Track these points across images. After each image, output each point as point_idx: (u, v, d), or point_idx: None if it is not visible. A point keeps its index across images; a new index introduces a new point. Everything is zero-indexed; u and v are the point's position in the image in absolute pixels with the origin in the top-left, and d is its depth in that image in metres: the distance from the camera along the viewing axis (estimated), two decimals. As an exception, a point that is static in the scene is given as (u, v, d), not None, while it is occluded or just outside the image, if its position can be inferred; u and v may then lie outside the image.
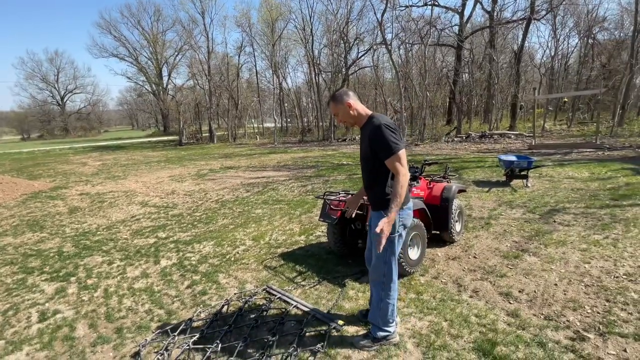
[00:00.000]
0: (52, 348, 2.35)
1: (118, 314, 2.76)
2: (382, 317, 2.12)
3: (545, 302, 2.55)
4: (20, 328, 2.62)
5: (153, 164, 13.35)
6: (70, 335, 2.48)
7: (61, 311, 2.84)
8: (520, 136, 15.26)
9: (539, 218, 4.53)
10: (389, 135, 1.88)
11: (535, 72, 27.63)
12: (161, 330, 2.45)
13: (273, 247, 4.04)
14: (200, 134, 25.81)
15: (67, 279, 3.46)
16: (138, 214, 5.96)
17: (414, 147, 14.59)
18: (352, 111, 2.04)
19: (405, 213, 2.10)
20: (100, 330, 2.53)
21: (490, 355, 1.99)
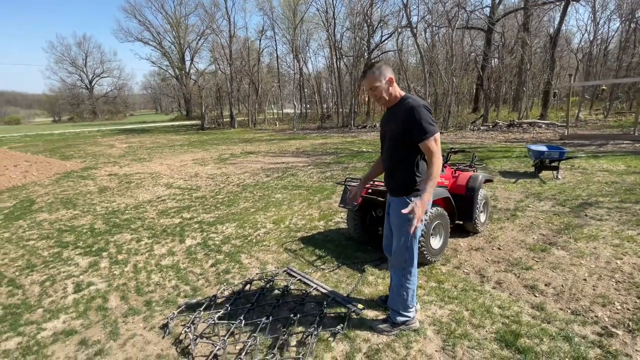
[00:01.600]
0: (87, 317, 2.51)
1: (147, 288, 2.90)
2: (402, 302, 2.10)
3: (573, 296, 2.47)
4: (57, 298, 2.81)
5: (177, 147, 13.70)
6: (104, 306, 2.64)
7: (95, 283, 3.01)
8: (551, 125, 14.52)
9: (569, 211, 4.34)
10: (427, 117, 1.82)
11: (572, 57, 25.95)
12: (187, 305, 2.56)
13: (293, 230, 4.10)
14: (221, 119, 26.15)
15: (99, 253, 3.66)
16: (163, 195, 6.17)
17: (437, 135, 14.19)
18: (391, 88, 1.91)
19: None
20: (131, 303, 2.68)
21: (513, 347, 1.96)
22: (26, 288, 3.00)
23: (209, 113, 25.44)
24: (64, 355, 2.10)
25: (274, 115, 32.34)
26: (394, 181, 2.05)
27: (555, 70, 17.93)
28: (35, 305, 2.70)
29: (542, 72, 17.91)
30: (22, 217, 5.13)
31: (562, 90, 20.40)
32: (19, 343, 2.24)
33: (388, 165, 2.09)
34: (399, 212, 1.93)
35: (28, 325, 2.44)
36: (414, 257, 2.07)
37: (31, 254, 3.75)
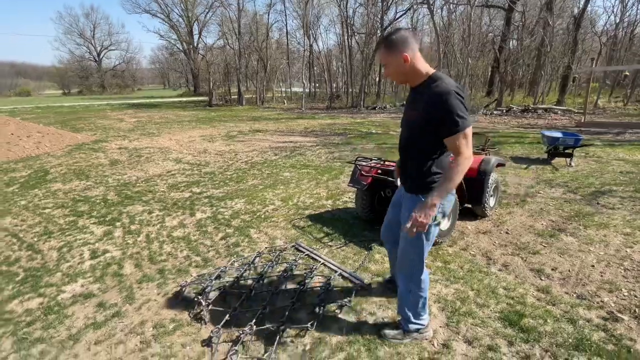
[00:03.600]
0: (103, 282, 2.62)
1: (159, 257, 2.99)
2: (412, 309, 1.87)
3: (579, 281, 2.48)
4: (75, 263, 2.92)
5: (185, 123, 13.70)
6: (119, 272, 2.74)
7: (109, 251, 3.12)
8: (568, 112, 14.11)
9: (580, 199, 4.29)
10: (458, 107, 1.44)
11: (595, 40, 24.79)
12: (199, 274, 2.65)
13: (301, 208, 4.14)
14: (229, 96, 25.93)
15: (112, 223, 3.76)
16: (173, 170, 6.24)
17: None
18: (407, 65, 1.53)
19: (449, 199, 1.70)
20: (144, 270, 2.77)
21: (516, 326, 2.00)
22: (45, 253, 3.12)
23: (216, 90, 25.19)
24: (84, 316, 2.21)
25: (282, 93, 31.92)
26: (408, 176, 1.76)
27: (576, 53, 17.18)
28: (54, 269, 2.82)
29: (563, 55, 17.19)
30: (37, 187, 5.26)
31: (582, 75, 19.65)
32: (40, 303, 2.36)
33: (403, 157, 1.78)
34: (409, 211, 1.66)
35: (48, 287, 2.55)
36: (423, 262, 1.79)
37: (48, 221, 3.87)
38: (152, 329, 2.06)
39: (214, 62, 24.62)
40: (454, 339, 1.93)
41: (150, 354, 1.86)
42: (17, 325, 2.12)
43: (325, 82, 26.98)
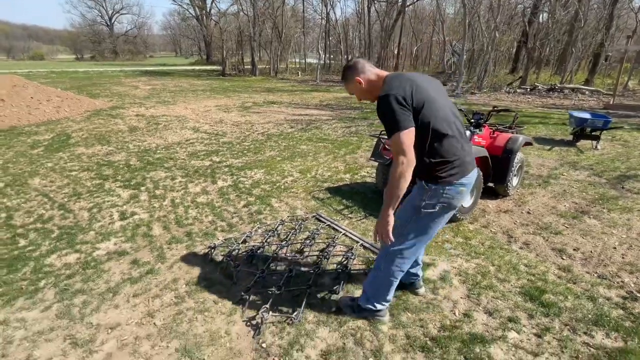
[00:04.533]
0: (134, 241, 2.74)
1: (186, 221, 3.10)
2: (374, 289, 1.79)
3: (600, 262, 2.49)
4: (106, 223, 3.05)
5: (199, 92, 13.62)
6: (149, 233, 2.86)
7: (137, 213, 3.24)
8: (596, 93, 13.47)
9: (605, 182, 4.20)
10: (390, 108, 1.41)
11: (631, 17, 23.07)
12: (226, 238, 2.75)
13: (319, 181, 4.17)
14: (242, 66, 25.47)
15: (138, 187, 3.87)
16: (191, 138, 6.30)
17: (470, 95, 13.48)
18: (363, 86, 1.60)
19: (455, 190, 1.57)
20: (173, 232, 2.89)
21: (537, 301, 2.04)
22: (76, 213, 3.26)
23: (229, 58, 24.73)
24: (119, 271, 2.34)
25: (296, 64, 31.16)
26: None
27: (610, 30, 16.10)
28: (87, 228, 2.96)
29: (596, 31, 16.14)
30: (61, 150, 5.40)
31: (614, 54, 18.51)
32: (78, 258, 2.50)
33: None
34: (410, 196, 1.70)
35: (83, 244, 2.69)
36: (409, 251, 1.70)
37: (75, 183, 4.01)
38: (185, 286, 2.18)
39: (227, 29, 23.97)
40: (475, 309, 1.99)
41: (185, 308, 1.98)
42: (58, 278, 2.26)
43: (341, 54, 26.16)
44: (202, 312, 1.95)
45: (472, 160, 1.65)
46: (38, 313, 1.94)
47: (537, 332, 1.82)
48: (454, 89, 14.86)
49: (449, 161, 1.54)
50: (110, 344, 1.74)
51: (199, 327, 1.84)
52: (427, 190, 1.58)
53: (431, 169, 1.56)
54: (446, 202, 1.59)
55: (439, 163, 1.54)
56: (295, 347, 1.71)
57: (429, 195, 1.58)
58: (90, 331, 1.81)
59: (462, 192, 1.60)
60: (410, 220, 1.65)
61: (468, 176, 1.60)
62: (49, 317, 1.91)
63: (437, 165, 1.55)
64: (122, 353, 1.68)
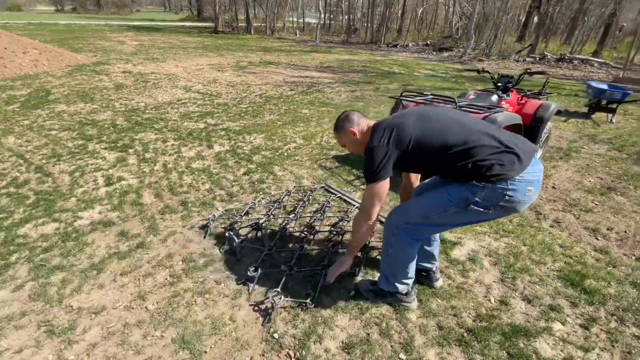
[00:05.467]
0: (122, 210, 2.43)
1: (180, 188, 2.78)
2: (391, 268, 1.58)
3: (637, 243, 2.28)
4: (89, 189, 2.71)
5: (190, 50, 12.69)
6: (138, 201, 2.55)
7: (125, 179, 2.89)
8: (604, 65, 12.94)
9: (627, 157, 3.95)
10: (370, 161, 1.37)
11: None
12: (226, 209, 2.45)
13: (325, 148, 3.83)
14: (236, 23, 23.82)
15: (125, 150, 3.49)
16: (183, 98, 5.79)
17: (477, 62, 12.82)
18: (357, 138, 1.53)
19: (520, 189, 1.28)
20: (166, 201, 2.57)
21: (579, 287, 1.83)
22: (55, 176, 2.90)
23: (222, 15, 23.06)
24: (105, 244, 2.05)
25: (294, 24, 29.35)
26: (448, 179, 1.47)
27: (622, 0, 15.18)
28: (68, 194, 2.62)
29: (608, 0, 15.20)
30: (39, 107, 4.89)
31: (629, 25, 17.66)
32: (57, 229, 2.19)
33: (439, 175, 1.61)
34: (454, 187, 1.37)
35: (63, 212, 2.37)
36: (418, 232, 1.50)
37: (55, 143, 3.60)
38: (182, 263, 1.91)
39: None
40: (512, 295, 1.77)
41: (182, 289, 1.72)
42: (33, 251, 1.97)
43: (342, 13, 24.59)
44: (202, 295, 1.69)
45: (526, 151, 1.32)
46: (8, 294, 1.66)
47: (583, 323, 1.61)
48: (461, 55, 14.13)
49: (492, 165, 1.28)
50: (93, 331, 1.48)
51: (199, 313, 1.59)
52: (480, 187, 1.29)
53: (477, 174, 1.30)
54: (509, 204, 1.31)
55: (476, 162, 1.29)
56: (312, 338, 1.47)
57: (484, 195, 1.30)
58: (70, 316, 1.54)
59: (531, 194, 1.31)
60: (446, 210, 1.38)
61: (529, 171, 1.28)
62: (20, 298, 1.64)
63: (475, 163, 1.29)
64: (108, 343, 1.43)
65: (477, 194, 1.30)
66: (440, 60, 13.46)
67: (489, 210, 1.32)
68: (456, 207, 1.34)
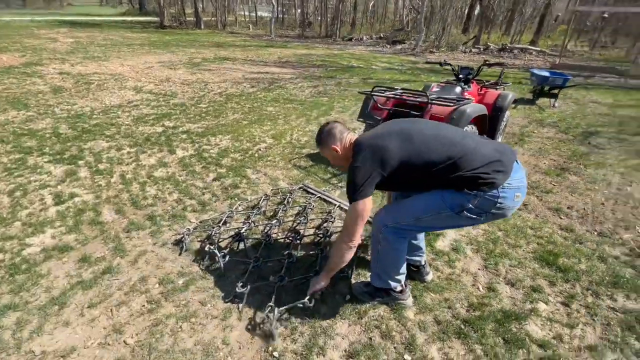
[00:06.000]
0: (80, 231, 2.16)
1: (144, 201, 2.54)
2: (382, 265, 1.57)
3: (596, 219, 2.50)
4: (36, 210, 2.37)
5: (135, 46, 11.75)
6: (98, 220, 2.28)
7: (78, 195, 2.58)
8: (541, 53, 14.15)
9: (573, 139, 4.34)
10: (353, 179, 1.36)
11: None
12: (201, 220, 2.28)
13: (297, 147, 3.73)
14: (183, 17, 22.51)
15: (74, 162, 3.12)
16: (134, 100, 5.33)
17: (429, 54, 13.35)
18: (340, 154, 1.53)
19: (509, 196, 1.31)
20: (129, 217, 2.33)
21: (554, 266, 1.96)
22: (-9, 198, 2.51)
23: (167, 8, 21.66)
24: (64, 274, 1.80)
25: (246, 17, 28.43)
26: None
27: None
28: (9, 218, 2.27)
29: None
30: (-41, 116, 4.22)
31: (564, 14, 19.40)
32: (1, 260, 1.88)
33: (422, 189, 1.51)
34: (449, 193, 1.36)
35: (7, 240, 2.05)
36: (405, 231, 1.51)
37: (-15, 159, 3.12)
38: (158, 286, 1.73)
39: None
40: (496, 281, 1.84)
41: (164, 316, 1.56)
42: (-25, 288, 1.67)
43: (294, 7, 24.27)
44: (188, 319, 1.54)
45: (508, 158, 1.34)
46: (-54, 347, 1.39)
47: (564, 300, 1.72)
48: (414, 47, 14.64)
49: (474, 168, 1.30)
50: (64, 379, 1.28)
51: (186, 340, 1.45)
52: (473, 195, 1.31)
53: (470, 183, 1.31)
54: (499, 211, 1.34)
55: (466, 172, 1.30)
56: (314, 351, 1.41)
57: (477, 203, 1.31)
58: (33, 364, 1.33)
59: (519, 199, 1.36)
60: (440, 213, 1.37)
61: (516, 177, 1.32)
62: (-36, 351, 1.38)
63: (466, 174, 1.30)
64: (84, 390, 1.25)
65: (471, 202, 1.31)
66: (394, 53, 13.82)
67: (480, 217, 1.35)
68: (450, 212, 1.34)
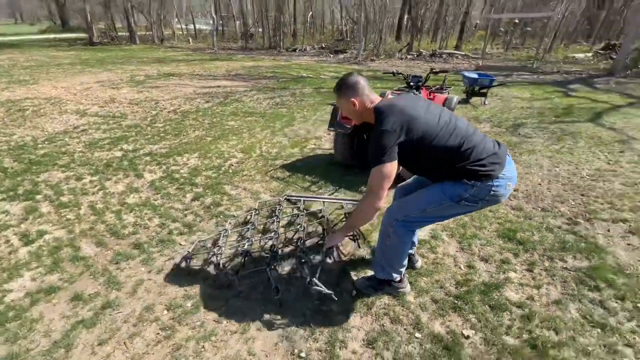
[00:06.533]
0: (62, 270, 2.02)
1: (125, 230, 2.44)
2: (388, 258, 1.71)
3: (537, 197, 2.97)
4: (4, 253, 2.16)
5: (66, 66, 10.78)
6: (79, 255, 2.15)
7: (48, 232, 2.39)
8: (466, 57, 15.82)
9: (505, 131, 5.01)
10: (378, 142, 1.41)
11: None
12: (199, 240, 2.26)
13: (269, 159, 3.81)
14: (115, 32, 21.08)
15: (31, 197, 2.85)
16: (80, 125, 4.96)
17: (370, 62, 14.19)
18: (357, 109, 1.57)
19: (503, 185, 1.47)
20: (113, 248, 2.23)
21: (514, 240, 2.32)
22: (-64, 248, 2.22)
23: (96, 24, 20.14)
24: (59, 315, 1.69)
25: (184, 31, 27.46)
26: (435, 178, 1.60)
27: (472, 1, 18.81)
28: (-31, 266, 2.04)
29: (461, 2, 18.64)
30: None
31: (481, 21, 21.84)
32: (-27, 313, 1.71)
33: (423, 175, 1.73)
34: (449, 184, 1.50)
35: (-27, 290, 1.85)
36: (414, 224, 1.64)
37: None
38: (167, 312, 1.72)
39: (88, -15, 19.19)
40: (473, 259, 2.14)
41: (183, 339, 1.56)
42: (-51, 348, 1.51)
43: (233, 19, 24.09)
44: (208, 339, 1.57)
45: (503, 152, 1.51)
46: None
47: (528, 267, 2.07)
48: (356, 56, 15.44)
49: (480, 159, 1.44)
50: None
51: (212, 358, 1.48)
52: (470, 185, 1.45)
53: (465, 174, 1.45)
54: (493, 198, 1.49)
55: (471, 163, 1.43)
56: (336, 345, 1.53)
57: (474, 191, 1.46)
58: (54, 411, 1.26)
59: (509, 188, 1.51)
60: (442, 204, 1.52)
61: (508, 168, 1.49)
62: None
63: (470, 165, 1.43)
64: None
65: (468, 191, 1.46)
66: (339, 62, 14.45)
67: (477, 204, 1.51)
68: (450, 202, 1.49)
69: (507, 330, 1.63)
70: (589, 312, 1.73)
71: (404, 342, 1.56)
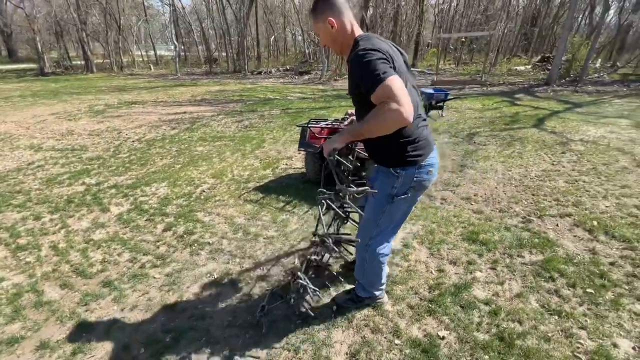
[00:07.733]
0: (25, 318, 1.89)
1: (92, 268, 2.33)
2: (368, 279, 1.78)
3: (495, 200, 3.22)
4: (-49, 306, 1.99)
5: (15, 99, 10.18)
6: (42, 300, 2.02)
7: (6, 278, 2.23)
8: (422, 73, 16.88)
9: (462, 141, 5.39)
10: (368, 64, 1.20)
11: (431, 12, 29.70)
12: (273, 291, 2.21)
13: (241, 182, 3.83)
14: (69, 62, 20.26)
15: (-18, 242, 2.65)
16: (35, 160, 4.69)
17: (334, 81, 14.71)
18: (334, 31, 1.35)
19: (424, 172, 1.47)
20: (81, 288, 2.13)
21: (477, 241, 2.49)
22: None
23: (48, 53, 19.29)
24: (24, 367, 1.58)
25: (144, 58, 26.97)
26: (370, 146, 1.53)
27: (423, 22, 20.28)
28: None
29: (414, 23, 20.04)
30: None
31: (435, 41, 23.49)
32: None
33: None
34: (378, 185, 1.52)
35: None
36: (384, 238, 1.65)
37: None
38: (145, 349, 1.66)
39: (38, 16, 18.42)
40: (442, 263, 2.27)
41: (163, 375, 1.52)
42: None
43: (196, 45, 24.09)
44: None
45: (432, 139, 1.54)
46: None
47: (491, 266, 2.23)
48: (320, 77, 15.96)
49: (415, 141, 1.41)
50: None
51: (196, 390, 1.45)
52: (396, 176, 1.46)
53: (398, 151, 1.41)
54: (418, 185, 1.49)
55: (407, 143, 1.40)
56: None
57: (401, 182, 1.47)
58: None
59: (432, 173, 1.51)
60: (384, 211, 1.54)
61: (432, 156, 1.49)
62: None
63: (405, 146, 1.40)
64: None
65: (395, 186, 1.46)
66: (304, 84, 14.85)
67: (407, 194, 1.49)
68: (386, 205, 1.51)
69: (477, 326, 1.75)
70: (546, 302, 1.90)
71: (385, 350, 1.62)
